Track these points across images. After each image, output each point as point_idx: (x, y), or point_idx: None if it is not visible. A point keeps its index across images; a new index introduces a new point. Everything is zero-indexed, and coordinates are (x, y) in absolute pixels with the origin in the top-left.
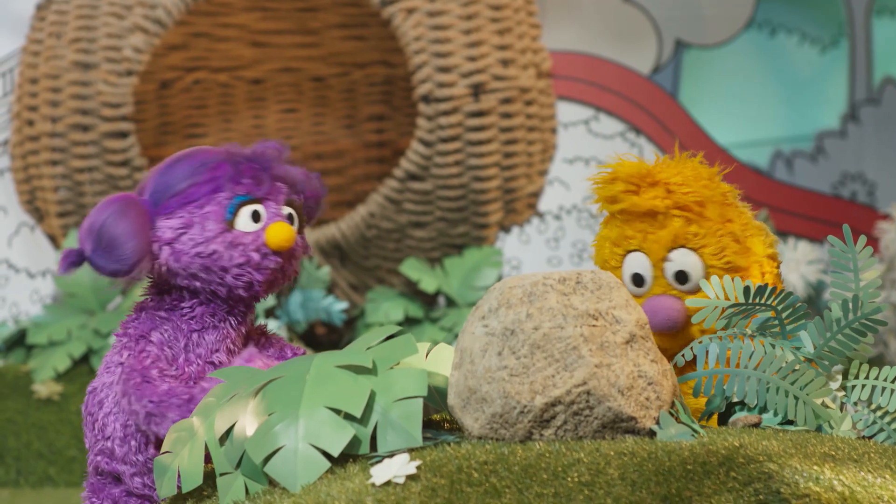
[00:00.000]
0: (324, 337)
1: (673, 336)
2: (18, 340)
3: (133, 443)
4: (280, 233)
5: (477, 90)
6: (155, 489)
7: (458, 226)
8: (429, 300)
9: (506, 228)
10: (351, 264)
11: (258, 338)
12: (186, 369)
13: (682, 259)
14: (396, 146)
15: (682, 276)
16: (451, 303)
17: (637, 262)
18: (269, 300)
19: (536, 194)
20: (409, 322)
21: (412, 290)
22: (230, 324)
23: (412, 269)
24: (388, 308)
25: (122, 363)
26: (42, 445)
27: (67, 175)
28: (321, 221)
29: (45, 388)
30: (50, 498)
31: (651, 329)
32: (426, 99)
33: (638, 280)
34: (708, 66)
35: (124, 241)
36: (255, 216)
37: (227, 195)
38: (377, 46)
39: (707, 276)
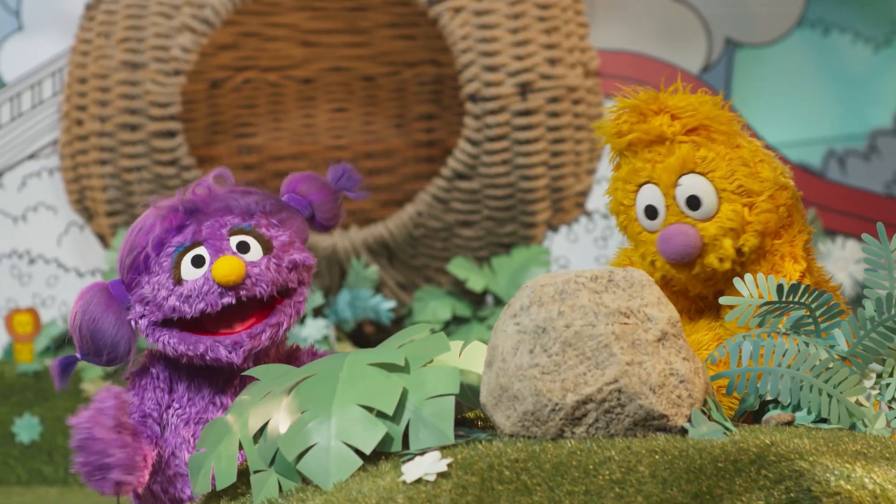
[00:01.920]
0: (372, 336)
1: (689, 267)
2: (68, 339)
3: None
4: (222, 266)
5: (524, 89)
6: None
7: (506, 225)
8: (476, 299)
9: (553, 227)
10: (399, 263)
11: (299, 357)
12: (189, 409)
13: (693, 183)
14: (446, 145)
15: (693, 202)
16: (498, 302)
17: (648, 194)
18: (318, 299)
19: (584, 193)
20: (456, 321)
21: (460, 289)
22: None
23: (460, 267)
24: (435, 307)
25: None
26: None
27: (116, 174)
28: (369, 220)
29: (93, 386)
30: (97, 496)
31: (666, 260)
32: (473, 98)
33: (651, 212)
34: (760, 64)
35: (101, 332)
36: (198, 261)
37: (167, 251)
38: (427, 45)
39: (719, 201)
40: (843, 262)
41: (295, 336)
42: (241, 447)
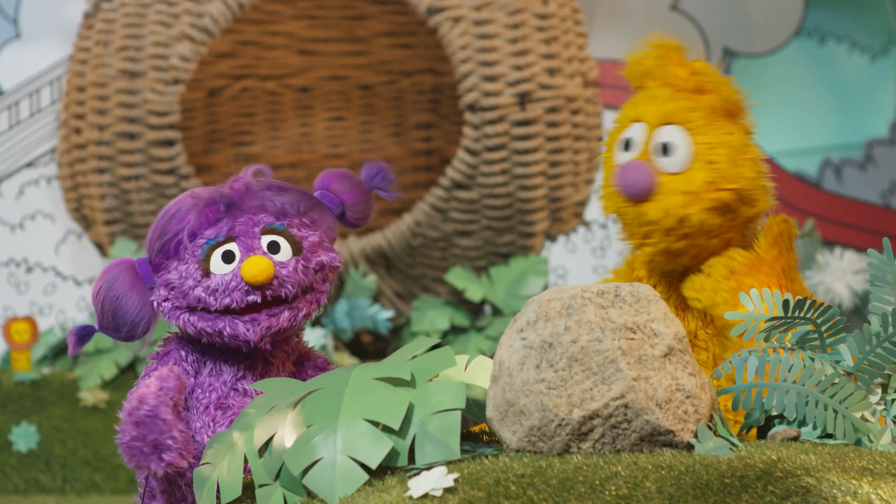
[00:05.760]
0: (370, 345)
1: (637, 206)
2: (65, 348)
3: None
4: (252, 266)
5: (523, 99)
6: None
7: (504, 234)
8: (474, 309)
9: (552, 237)
10: (397, 273)
11: (307, 367)
12: (209, 395)
13: (674, 133)
14: (444, 154)
15: (667, 148)
16: (496, 312)
17: (634, 129)
18: None
19: (583, 203)
20: (454, 331)
21: (458, 299)
22: (256, 355)
23: (458, 277)
24: (433, 317)
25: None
26: (88, 453)
27: (114, 183)
28: (367, 229)
29: (91, 395)
30: None
31: (619, 191)
32: (472, 108)
33: (627, 145)
34: (757, 74)
35: (123, 310)
36: (228, 256)
37: (198, 242)
38: (425, 55)
39: (691, 162)
40: (840, 272)
41: None
42: (246, 461)
